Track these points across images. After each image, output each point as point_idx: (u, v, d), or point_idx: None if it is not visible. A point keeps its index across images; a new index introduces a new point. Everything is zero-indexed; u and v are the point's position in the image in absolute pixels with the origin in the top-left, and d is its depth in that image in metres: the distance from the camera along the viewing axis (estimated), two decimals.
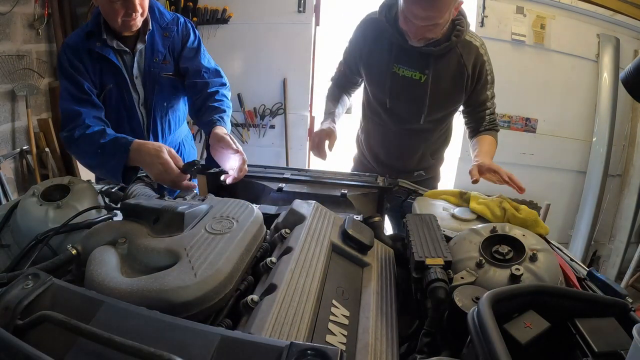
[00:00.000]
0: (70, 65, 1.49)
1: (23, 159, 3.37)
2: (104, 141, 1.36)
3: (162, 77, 1.63)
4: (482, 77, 1.63)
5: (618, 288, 0.87)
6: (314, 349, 0.51)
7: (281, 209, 1.14)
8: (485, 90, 1.67)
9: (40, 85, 3.38)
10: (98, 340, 0.52)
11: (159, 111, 1.69)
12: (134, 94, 1.62)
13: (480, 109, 1.71)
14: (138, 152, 1.31)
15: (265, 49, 3.74)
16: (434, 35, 1.47)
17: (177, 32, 1.66)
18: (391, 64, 1.61)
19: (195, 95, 1.67)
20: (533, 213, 1.17)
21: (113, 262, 0.75)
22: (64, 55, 1.51)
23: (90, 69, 1.52)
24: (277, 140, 3.98)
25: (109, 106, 1.58)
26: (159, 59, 1.61)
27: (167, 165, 1.27)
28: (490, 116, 1.72)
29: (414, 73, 1.60)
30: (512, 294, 0.67)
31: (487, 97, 1.69)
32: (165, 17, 1.64)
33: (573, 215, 3.71)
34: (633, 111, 3.52)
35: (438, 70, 1.58)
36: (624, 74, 1.04)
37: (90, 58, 1.52)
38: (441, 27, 1.45)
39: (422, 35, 1.46)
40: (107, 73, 1.55)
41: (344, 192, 1.37)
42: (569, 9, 3.42)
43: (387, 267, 0.96)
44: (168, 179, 1.28)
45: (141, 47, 1.59)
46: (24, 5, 3.21)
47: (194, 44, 1.70)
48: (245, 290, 0.76)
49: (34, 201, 1.02)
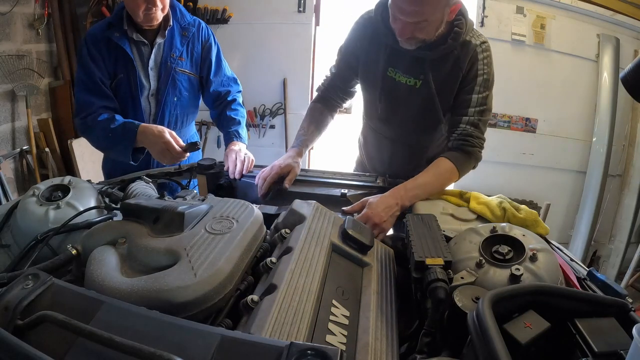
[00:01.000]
0: (88, 52, 1.63)
1: (23, 159, 3.37)
2: (113, 126, 1.56)
3: (178, 72, 1.75)
4: (470, 74, 1.40)
5: (618, 288, 0.87)
6: (314, 349, 0.51)
7: (281, 209, 1.14)
8: (472, 91, 1.40)
9: (40, 85, 3.39)
10: (98, 340, 0.52)
11: (168, 104, 1.78)
12: (145, 84, 1.73)
13: (458, 111, 1.43)
14: (144, 134, 1.54)
15: (265, 49, 3.74)
16: (425, 36, 1.31)
17: (197, 35, 1.79)
18: (386, 67, 1.48)
19: (217, 102, 1.89)
20: (533, 213, 1.17)
21: (113, 262, 0.75)
22: (84, 44, 1.65)
23: (106, 57, 1.65)
24: (277, 140, 3.99)
25: (118, 94, 1.70)
26: (175, 55, 1.73)
27: (169, 145, 1.52)
28: (466, 127, 1.39)
29: (408, 79, 1.46)
30: (512, 294, 0.67)
31: (471, 101, 1.40)
32: (185, 17, 1.77)
33: (573, 215, 3.71)
34: (633, 111, 3.52)
35: (434, 75, 1.42)
36: (623, 74, 1.03)
37: (108, 47, 1.64)
38: (433, 28, 1.30)
39: (410, 34, 1.29)
40: (120, 63, 1.66)
41: (344, 192, 1.37)
42: (569, 9, 3.42)
43: (387, 267, 0.96)
44: (169, 156, 1.54)
45: (160, 41, 1.71)
46: (24, 5, 3.21)
47: (219, 54, 1.87)
48: (245, 290, 0.76)
49: (34, 201, 1.02)
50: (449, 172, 1.37)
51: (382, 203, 1.24)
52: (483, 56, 1.40)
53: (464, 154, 1.39)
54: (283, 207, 1.14)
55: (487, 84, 1.41)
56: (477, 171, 1.50)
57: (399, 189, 1.29)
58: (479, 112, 1.40)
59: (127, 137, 1.55)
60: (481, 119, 1.40)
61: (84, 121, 1.60)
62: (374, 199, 1.26)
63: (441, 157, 1.39)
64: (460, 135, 1.39)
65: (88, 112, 1.59)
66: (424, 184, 1.33)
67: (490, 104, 1.43)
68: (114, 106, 1.66)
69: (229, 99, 1.88)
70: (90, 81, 1.62)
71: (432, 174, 1.35)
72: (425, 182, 1.33)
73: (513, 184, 3.58)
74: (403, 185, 1.31)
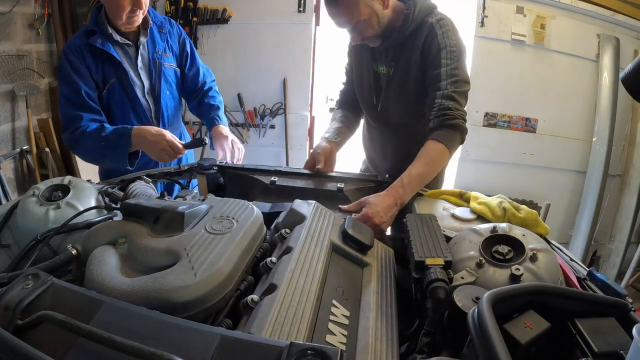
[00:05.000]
0: (70, 66, 1.59)
1: (23, 159, 3.37)
2: (104, 134, 1.55)
3: (166, 66, 1.81)
4: (432, 50, 1.40)
5: (618, 288, 0.87)
6: (314, 349, 0.51)
7: (275, 206, 1.14)
8: (439, 66, 1.37)
9: (40, 85, 3.38)
10: (98, 340, 0.52)
11: (164, 99, 1.82)
12: (138, 83, 1.74)
13: (431, 89, 1.40)
14: (140, 135, 1.53)
15: (265, 49, 3.74)
16: (372, 32, 1.41)
17: (172, 31, 1.85)
18: (371, 63, 1.58)
19: (194, 93, 1.94)
20: (533, 213, 1.17)
21: (113, 262, 0.75)
22: (65, 58, 1.61)
23: (92, 67, 1.62)
24: (277, 140, 3.98)
25: (113, 101, 1.70)
26: (160, 51, 1.78)
27: (171, 143, 1.54)
28: (442, 102, 1.35)
29: (383, 68, 1.55)
30: (512, 294, 0.67)
31: (440, 75, 1.37)
32: (157, 16, 1.82)
33: (573, 215, 3.71)
34: (633, 111, 3.52)
35: (400, 61, 1.50)
36: (623, 74, 1.03)
37: (92, 55, 1.62)
38: (373, 22, 1.39)
39: (360, 37, 1.43)
40: (108, 68, 1.66)
41: (341, 187, 1.37)
42: (569, 9, 3.42)
43: (387, 267, 0.96)
44: (171, 154, 1.56)
45: (144, 40, 1.73)
46: (24, 5, 3.21)
47: (192, 47, 1.92)
48: (245, 290, 0.76)
49: (34, 201, 1.02)
50: (440, 154, 1.34)
51: (382, 203, 1.23)
52: (442, 31, 1.40)
53: (448, 129, 1.36)
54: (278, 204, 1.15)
55: (452, 55, 1.38)
56: (477, 171, 1.51)
57: (396, 187, 1.27)
58: (452, 83, 1.36)
59: (122, 141, 1.54)
60: (456, 90, 1.36)
61: (73, 135, 1.58)
62: (373, 198, 1.25)
63: (428, 141, 1.36)
64: (439, 112, 1.36)
65: (76, 126, 1.57)
66: (418, 175, 1.30)
67: (463, 74, 1.39)
68: (101, 119, 1.64)
69: (205, 89, 1.94)
70: (74, 95, 1.59)
71: (424, 162, 1.32)
72: (419, 173, 1.31)
73: (513, 184, 3.58)
74: (399, 181, 1.29)
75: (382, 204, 1.22)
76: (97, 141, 1.55)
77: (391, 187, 1.28)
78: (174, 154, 1.58)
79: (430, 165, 1.33)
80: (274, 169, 1.46)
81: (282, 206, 1.10)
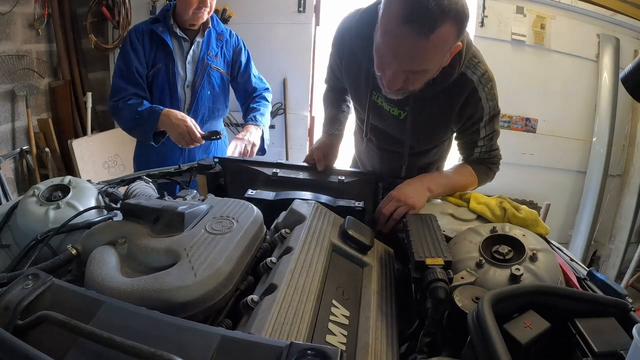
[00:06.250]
0: (130, 43, 1.85)
1: (23, 159, 3.37)
2: (140, 109, 1.79)
3: (212, 68, 1.99)
4: (474, 116, 1.29)
5: (618, 288, 0.87)
6: (314, 349, 0.51)
7: (280, 194, 1.15)
8: (478, 130, 1.33)
9: (40, 85, 3.39)
10: (98, 340, 0.52)
11: (202, 97, 1.99)
12: (181, 74, 1.94)
13: (469, 146, 1.40)
14: (167, 116, 1.75)
15: (265, 49, 3.74)
16: (416, 87, 1.13)
17: (229, 41, 2.05)
18: (370, 90, 1.33)
19: (246, 99, 2.16)
20: (533, 213, 1.17)
21: (113, 262, 0.75)
22: (128, 37, 1.89)
23: (147, 48, 1.87)
24: (277, 140, 3.98)
25: (155, 83, 1.92)
26: (212, 54, 1.98)
27: (190, 129, 1.73)
28: (481, 153, 1.39)
29: (392, 108, 1.34)
30: (512, 294, 0.67)
31: (478, 140, 1.35)
32: (220, 25, 2.04)
33: (573, 215, 3.71)
34: (633, 111, 3.52)
35: (420, 110, 1.29)
36: (623, 74, 1.04)
37: (150, 39, 1.88)
38: (429, 77, 1.12)
39: (402, 85, 1.09)
40: (160, 54, 1.89)
41: (342, 179, 1.37)
42: (569, 9, 3.43)
43: (387, 267, 0.96)
44: (188, 139, 1.74)
45: (199, 40, 1.95)
46: (24, 5, 3.21)
47: (249, 57, 2.13)
48: (245, 290, 0.76)
49: (34, 201, 1.02)
50: (470, 183, 1.38)
51: (408, 184, 1.24)
52: (485, 92, 1.26)
53: (485, 167, 1.42)
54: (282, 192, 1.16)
55: (491, 115, 1.31)
56: None
57: (424, 176, 1.29)
58: (489, 139, 1.37)
59: (151, 118, 1.76)
60: (492, 144, 1.40)
61: (116, 103, 1.82)
62: (401, 185, 1.25)
63: (463, 163, 1.39)
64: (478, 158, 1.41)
65: (120, 96, 1.82)
66: (447, 176, 1.34)
67: (497, 126, 1.37)
68: (144, 95, 1.87)
69: (255, 95, 2.14)
70: (127, 69, 1.84)
71: (458, 172, 1.37)
72: (449, 175, 1.35)
73: (513, 184, 3.57)
74: (428, 173, 1.32)
75: (409, 185, 1.24)
76: (132, 113, 1.78)
77: (419, 176, 1.30)
78: (191, 140, 1.75)
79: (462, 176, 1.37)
80: (276, 162, 1.46)
81: (287, 194, 1.11)
